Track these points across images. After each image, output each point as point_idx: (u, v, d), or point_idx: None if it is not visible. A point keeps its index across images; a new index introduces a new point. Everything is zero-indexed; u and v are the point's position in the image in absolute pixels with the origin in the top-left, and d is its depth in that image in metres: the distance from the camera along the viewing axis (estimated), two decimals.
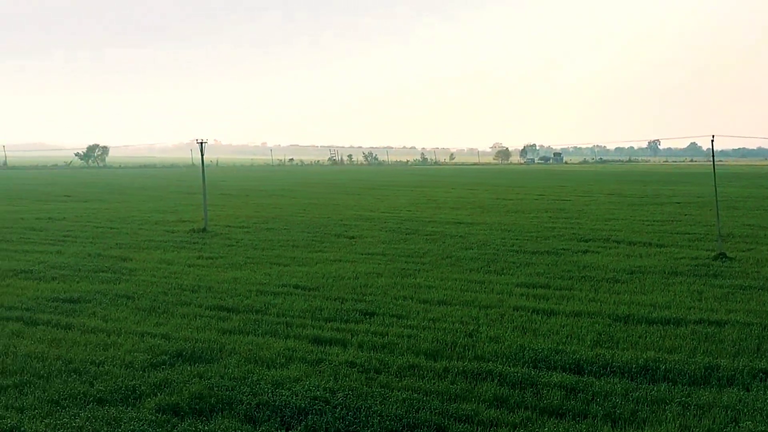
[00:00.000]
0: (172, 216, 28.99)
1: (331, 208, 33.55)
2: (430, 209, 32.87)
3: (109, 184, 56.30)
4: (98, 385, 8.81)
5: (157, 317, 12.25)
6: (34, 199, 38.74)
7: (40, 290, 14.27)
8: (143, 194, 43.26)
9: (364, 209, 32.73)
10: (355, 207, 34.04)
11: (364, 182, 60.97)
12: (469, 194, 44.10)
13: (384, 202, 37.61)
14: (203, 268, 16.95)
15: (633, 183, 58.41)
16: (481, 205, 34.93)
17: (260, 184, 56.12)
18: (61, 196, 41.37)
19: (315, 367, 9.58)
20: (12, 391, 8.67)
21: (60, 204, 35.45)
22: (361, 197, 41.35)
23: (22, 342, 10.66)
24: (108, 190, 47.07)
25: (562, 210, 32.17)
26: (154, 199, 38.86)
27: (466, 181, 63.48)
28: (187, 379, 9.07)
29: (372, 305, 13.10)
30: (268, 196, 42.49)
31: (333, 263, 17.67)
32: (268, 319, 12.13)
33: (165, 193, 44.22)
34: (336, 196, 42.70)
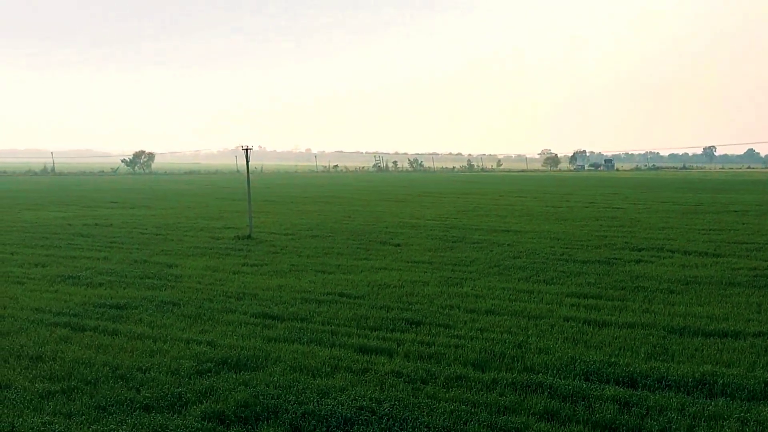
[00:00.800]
0: (218, 223, 29.36)
1: (376, 215, 33.61)
2: (477, 217, 32.72)
3: (155, 190, 57.26)
4: (144, 392, 8.95)
5: (203, 324, 12.40)
6: (82, 205, 39.58)
7: (88, 296, 14.56)
8: (188, 200, 43.89)
9: (409, 216, 32.73)
10: (400, 214, 34.06)
11: (410, 189, 60.98)
12: (517, 202, 43.79)
13: (430, 209, 37.56)
14: (248, 276, 17.11)
15: (688, 190, 57.37)
16: (529, 213, 34.66)
17: (305, 191, 56.53)
18: (107, 202, 42.20)
19: (361, 377, 9.60)
20: (60, 397, 8.86)
21: (107, 210, 36.16)
22: (407, 204, 41.35)
23: (69, 347, 10.89)
24: (154, 197, 47.86)
25: (613, 218, 31.74)
26: (200, 206, 39.40)
27: (513, 188, 63.08)
28: (233, 387, 9.16)
29: (418, 314, 13.08)
30: (313, 202, 42.75)
31: (378, 271, 17.70)
32: (313, 327, 12.19)
33: (210, 200, 44.79)
34: (381, 203, 42.78)
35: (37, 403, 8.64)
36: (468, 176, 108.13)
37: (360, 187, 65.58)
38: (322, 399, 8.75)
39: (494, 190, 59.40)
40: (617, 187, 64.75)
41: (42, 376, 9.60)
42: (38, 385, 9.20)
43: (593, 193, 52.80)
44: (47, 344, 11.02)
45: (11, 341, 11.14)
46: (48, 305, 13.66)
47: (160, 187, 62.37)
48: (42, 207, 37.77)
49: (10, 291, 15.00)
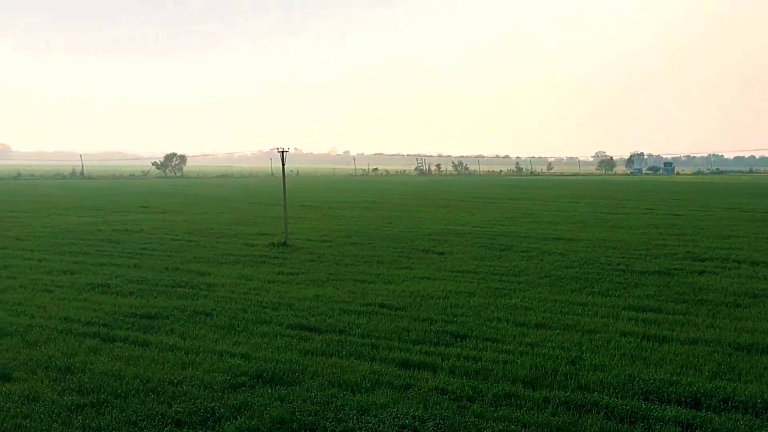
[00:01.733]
0: (251, 229, 29.60)
1: (419, 221, 33.59)
2: (527, 223, 32.51)
3: (187, 194, 57.97)
4: (176, 406, 9.04)
5: (237, 336, 12.50)
6: (111, 209, 40.23)
7: (118, 305, 14.78)
8: (221, 205, 44.33)
9: (453, 223, 32.65)
10: (444, 220, 34.00)
11: (454, 194, 60.85)
12: (569, 207, 43.42)
13: (475, 215, 37.42)
14: (284, 285, 17.22)
15: (755, 196, 56.33)
16: (582, 220, 34.34)
17: (343, 196, 56.74)
18: (138, 206, 42.83)
19: (403, 393, 9.58)
20: (89, 410, 8.99)
21: (137, 215, 36.70)
22: (451, 210, 41.26)
23: (99, 359, 11.06)
24: (185, 201, 48.46)
25: (674, 225, 31.28)
26: (233, 211, 39.77)
27: (565, 193, 62.56)
28: (268, 402, 9.22)
29: (464, 327, 13.03)
30: (351, 208, 42.89)
31: (421, 281, 17.68)
32: (352, 339, 12.21)
33: (244, 205, 45.19)
34: (423, 208, 42.75)
35: (66, 417, 8.78)
36: (516, 180, 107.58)
37: (401, 191, 65.63)
38: (362, 416, 8.75)
39: (544, 194, 58.98)
40: (677, 192, 63.85)
41: (71, 388, 9.76)
42: (67, 398, 9.35)
43: (651, 198, 52.14)
44: (76, 355, 11.20)
45: (39, 352, 11.35)
46: (77, 314, 13.89)
47: (191, 191, 63.13)
48: (71, 211, 38.47)
49: (38, 299, 15.29)
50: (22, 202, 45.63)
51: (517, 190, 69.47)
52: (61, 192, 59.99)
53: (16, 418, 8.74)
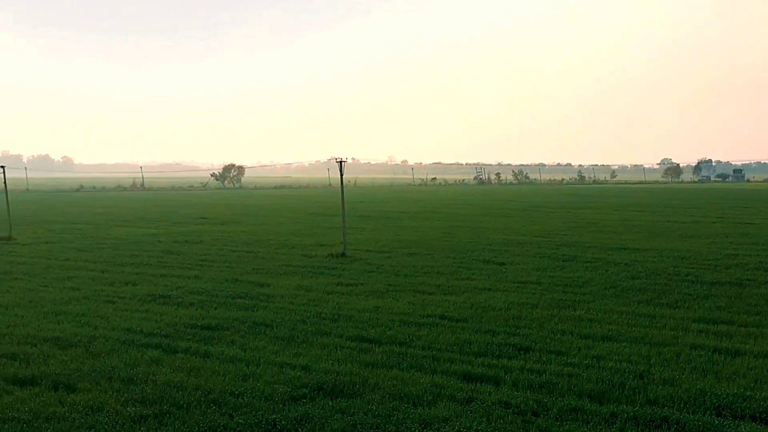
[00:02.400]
0: (310, 239, 29.85)
1: (479, 231, 33.46)
2: (590, 233, 32.11)
3: (245, 205, 58.75)
4: (238, 418, 9.16)
5: (297, 347, 12.61)
6: (171, 221, 40.99)
7: (178, 316, 15.04)
8: (280, 216, 44.82)
9: (515, 233, 32.43)
10: (504, 230, 33.79)
11: (515, 203, 60.45)
12: (634, 216, 42.74)
13: (537, 224, 37.11)
14: (343, 296, 17.31)
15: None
16: (648, 229, 33.77)
17: (401, 206, 56.84)
18: (197, 218, 43.55)
19: (465, 407, 9.55)
20: (152, 422, 9.16)
21: (196, 226, 37.32)
22: (512, 219, 40.99)
23: (161, 370, 11.26)
24: (244, 212, 49.11)
25: (745, 234, 30.55)
26: (291, 222, 40.17)
27: (630, 201, 61.61)
28: (329, 414, 9.27)
29: (527, 339, 12.93)
30: (410, 218, 42.93)
31: (482, 292, 17.59)
32: (412, 352, 12.21)
33: (302, 215, 45.61)
34: (483, 218, 42.57)
35: (129, 428, 8.97)
36: (579, 189, 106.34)
37: (460, 201, 65.45)
38: (424, 430, 8.75)
39: (609, 203, 58.17)
40: (748, 199, 62.34)
41: (134, 399, 9.95)
42: (130, 409, 9.55)
43: (721, 207, 51.00)
44: (139, 366, 11.43)
45: (102, 362, 11.61)
46: (139, 325, 14.18)
47: (250, 202, 63.95)
48: (131, 223, 39.32)
49: (101, 310, 15.66)
50: (84, 214, 46.81)
51: (579, 198, 68.66)
52: (122, 204, 61.37)
53: (81, 428, 8.96)
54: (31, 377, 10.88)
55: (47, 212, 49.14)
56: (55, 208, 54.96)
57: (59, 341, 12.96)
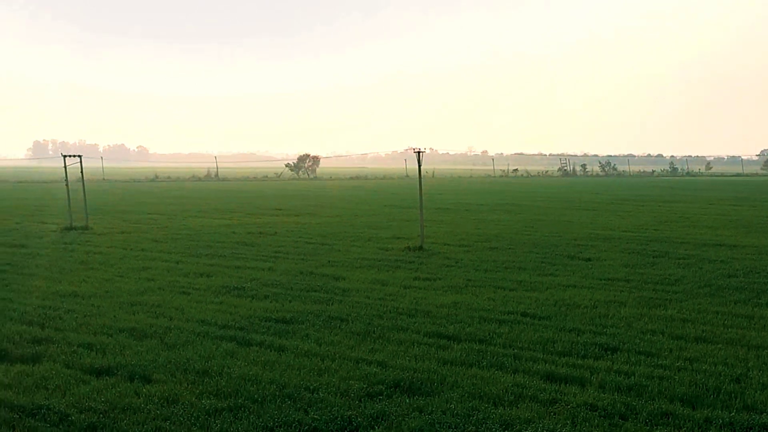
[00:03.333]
0: (386, 232, 29.95)
1: (563, 225, 33.04)
2: (683, 228, 31.36)
3: (320, 196, 59.29)
4: (313, 414, 9.27)
5: (372, 343, 12.68)
6: (246, 212, 41.65)
7: (253, 309, 15.29)
8: (355, 208, 45.08)
9: (601, 227, 31.91)
10: (590, 224, 33.28)
11: (601, 196, 59.46)
12: (731, 211, 41.57)
13: (625, 219, 36.43)
14: (420, 291, 17.33)
15: None
16: (746, 224, 32.79)
17: (481, 198, 56.54)
18: (271, 209, 44.14)
19: (548, 408, 9.46)
20: (227, 415, 9.35)
21: (271, 218, 37.84)
22: (598, 213, 40.35)
23: (235, 363, 11.48)
24: (318, 203, 49.56)
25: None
26: (367, 214, 40.37)
27: (727, 195, 59.91)
28: (406, 412, 9.30)
29: (614, 339, 12.72)
30: (490, 211, 42.67)
31: (566, 289, 17.39)
32: (493, 350, 12.15)
33: (378, 207, 45.79)
34: (568, 211, 42.01)
35: (204, 421, 9.16)
36: (670, 181, 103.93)
37: (543, 193, 64.73)
38: (505, 431, 8.70)
39: (703, 197, 56.71)
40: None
41: (208, 392, 10.17)
42: (205, 402, 9.76)
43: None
44: (213, 358, 11.67)
45: (178, 354, 11.89)
46: (213, 317, 14.48)
47: (325, 193, 64.52)
48: (206, 214, 40.10)
49: (176, 301, 16.04)
50: (159, 204, 47.96)
51: (671, 191, 67.11)
52: (196, 194, 62.64)
53: (157, 420, 9.20)
54: (107, 367, 11.23)
55: (122, 202, 50.54)
56: (130, 197, 56.48)
57: (135, 332, 13.34)
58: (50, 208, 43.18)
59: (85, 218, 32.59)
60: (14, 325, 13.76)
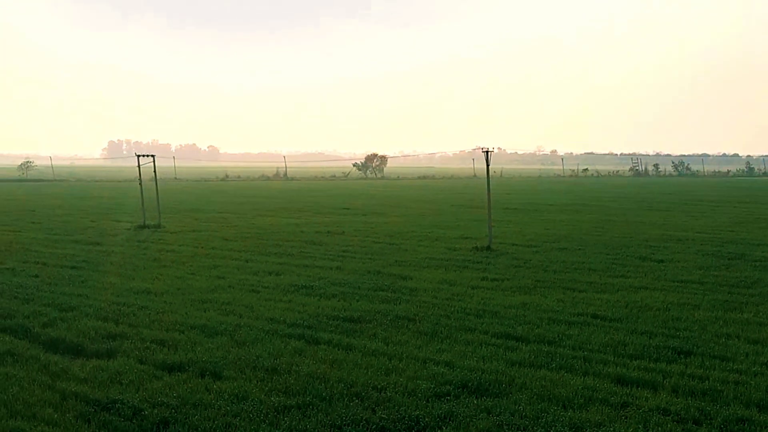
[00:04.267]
0: (454, 232, 29.86)
1: (634, 225, 32.48)
2: (760, 230, 30.54)
3: (387, 196, 59.44)
4: (380, 413, 9.30)
5: (440, 343, 12.65)
6: (314, 211, 42.00)
7: (321, 307, 15.41)
8: (423, 207, 45.07)
9: (674, 228, 31.27)
10: (662, 225, 32.65)
11: (674, 196, 58.31)
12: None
13: (699, 220, 35.65)
14: (488, 291, 17.23)
15: None
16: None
17: (549, 198, 55.97)
18: (339, 208, 44.43)
19: (620, 412, 9.31)
20: (295, 412, 9.44)
21: (338, 217, 38.08)
22: (671, 214, 39.56)
23: (304, 361, 11.58)
24: (386, 203, 49.70)
25: None
26: (434, 213, 40.32)
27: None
28: (474, 413, 9.26)
29: (688, 343, 12.46)
30: (559, 211, 42.20)
31: (638, 291, 17.09)
32: (562, 351, 12.02)
33: (445, 207, 45.70)
34: (639, 212, 41.30)
35: (273, 418, 9.27)
36: (747, 181, 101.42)
37: (614, 193, 63.77)
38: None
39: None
40: None
41: (277, 389, 10.28)
42: (274, 399, 9.87)
43: None
44: (282, 356, 11.79)
45: (247, 351, 12.05)
46: (282, 315, 14.63)
47: (392, 193, 64.65)
48: (275, 213, 40.57)
49: (246, 299, 16.26)
50: (229, 203, 48.70)
51: (748, 192, 65.44)
52: (265, 193, 63.41)
53: (227, 416, 9.34)
54: (179, 363, 11.44)
55: (194, 201, 51.46)
56: (201, 196, 57.47)
57: (206, 329, 13.56)
58: (124, 207, 44.23)
59: (157, 217, 33.29)
60: (90, 321, 14.13)
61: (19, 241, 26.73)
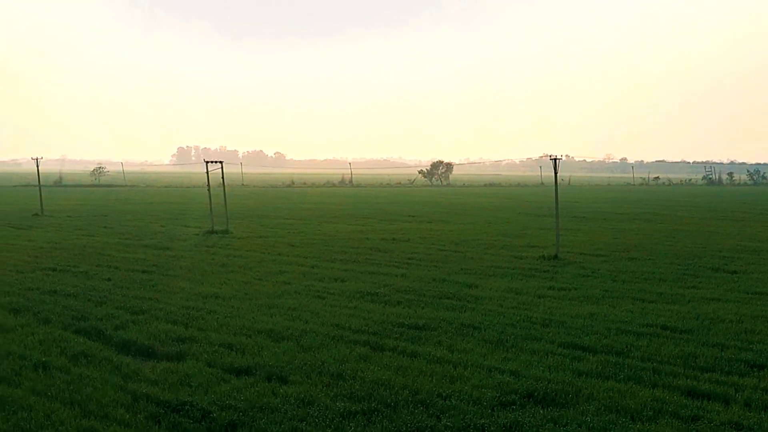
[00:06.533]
0: (520, 240, 29.69)
1: (706, 236, 31.84)
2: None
3: (453, 203, 59.33)
4: (445, 421, 9.32)
5: (505, 352, 12.61)
6: (379, 218, 42.18)
7: (386, 314, 15.48)
8: (489, 215, 44.89)
9: (748, 239, 30.57)
10: (737, 236, 31.93)
11: (749, 205, 56.95)
12: None
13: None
14: (554, 300, 17.10)
15: None
16: None
17: (619, 206, 55.18)
18: (404, 216, 44.53)
19: (690, 425, 9.16)
20: (360, 418, 9.52)
21: (403, 224, 38.18)
22: (745, 224, 38.66)
23: (369, 367, 11.66)
24: (451, 211, 49.63)
25: None
26: (500, 221, 40.12)
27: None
28: (540, 423, 9.22)
29: (762, 356, 12.18)
30: (629, 220, 41.59)
31: (710, 302, 16.76)
32: (630, 363, 11.86)
33: (512, 215, 45.43)
34: (712, 221, 40.46)
35: (338, 423, 9.36)
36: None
37: (686, 202, 62.57)
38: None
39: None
40: None
41: (343, 394, 10.39)
42: (339, 404, 9.97)
43: None
44: (347, 362, 11.90)
45: (313, 356, 12.20)
46: (347, 322, 14.75)
47: (458, 201, 64.51)
48: (340, 219, 40.86)
49: (311, 305, 16.43)
50: (295, 210, 49.23)
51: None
52: (330, 200, 63.90)
53: (293, 420, 9.46)
54: (246, 367, 11.63)
55: (260, 207, 52.13)
56: (268, 203, 58.18)
57: (272, 333, 13.75)
58: (193, 212, 45.08)
59: (225, 222, 33.84)
60: (160, 324, 14.46)
61: (92, 245, 27.47)
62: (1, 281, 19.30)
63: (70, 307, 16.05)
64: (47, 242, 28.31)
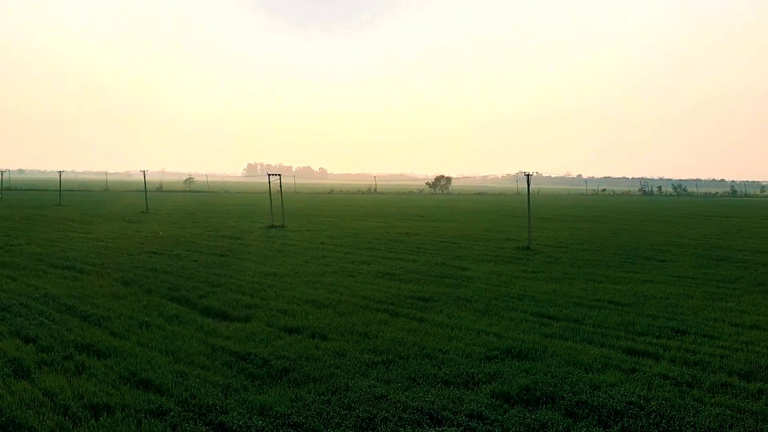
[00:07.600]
0: (501, 235, 29.48)
1: (641, 233, 31.48)
2: (741, 238, 29.22)
3: (451, 207, 59.07)
4: (444, 369, 9.24)
5: (490, 318, 12.51)
6: (396, 218, 42.06)
7: (401, 289, 15.40)
8: (478, 216, 44.65)
9: (673, 236, 30.19)
10: (664, 233, 31.56)
11: (673, 211, 56.28)
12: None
13: (693, 230, 34.32)
14: (527, 280, 16.95)
15: None
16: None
17: (576, 211, 54.70)
18: (415, 216, 44.37)
19: (629, 376, 9.03)
20: (381, 367, 9.46)
21: (414, 222, 38.04)
22: (671, 225, 38.21)
23: (387, 328, 11.59)
24: (450, 213, 49.40)
25: None
26: (487, 221, 39.89)
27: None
28: (515, 372, 9.12)
29: (683, 324, 12.01)
30: (583, 221, 41.22)
31: (644, 283, 16.55)
32: (584, 328, 11.72)
33: (495, 216, 45.15)
34: (646, 223, 40.01)
35: (364, 370, 9.31)
36: (730, 201, 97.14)
37: (625, 209, 61.94)
38: (594, 391, 8.38)
39: (758, 214, 52.68)
40: None
41: (368, 349, 10.32)
42: (365, 356, 9.91)
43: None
44: (371, 324, 11.84)
45: (346, 320, 12.15)
46: (372, 294, 14.68)
47: (455, 205, 64.23)
48: (367, 218, 40.78)
49: (345, 282, 16.38)
50: (334, 210, 49.17)
51: (731, 209, 62.69)
52: (360, 204, 63.79)
53: (330, 367, 9.42)
54: (296, 327, 11.59)
55: (308, 209, 52.13)
56: (313, 205, 58.17)
57: (316, 303, 13.71)
58: (258, 212, 45.15)
59: (282, 219, 33.87)
60: (233, 294, 14.46)
61: (183, 235, 27.58)
62: (116, 261, 19.40)
63: (166, 281, 16.10)
64: (150, 233, 28.45)
